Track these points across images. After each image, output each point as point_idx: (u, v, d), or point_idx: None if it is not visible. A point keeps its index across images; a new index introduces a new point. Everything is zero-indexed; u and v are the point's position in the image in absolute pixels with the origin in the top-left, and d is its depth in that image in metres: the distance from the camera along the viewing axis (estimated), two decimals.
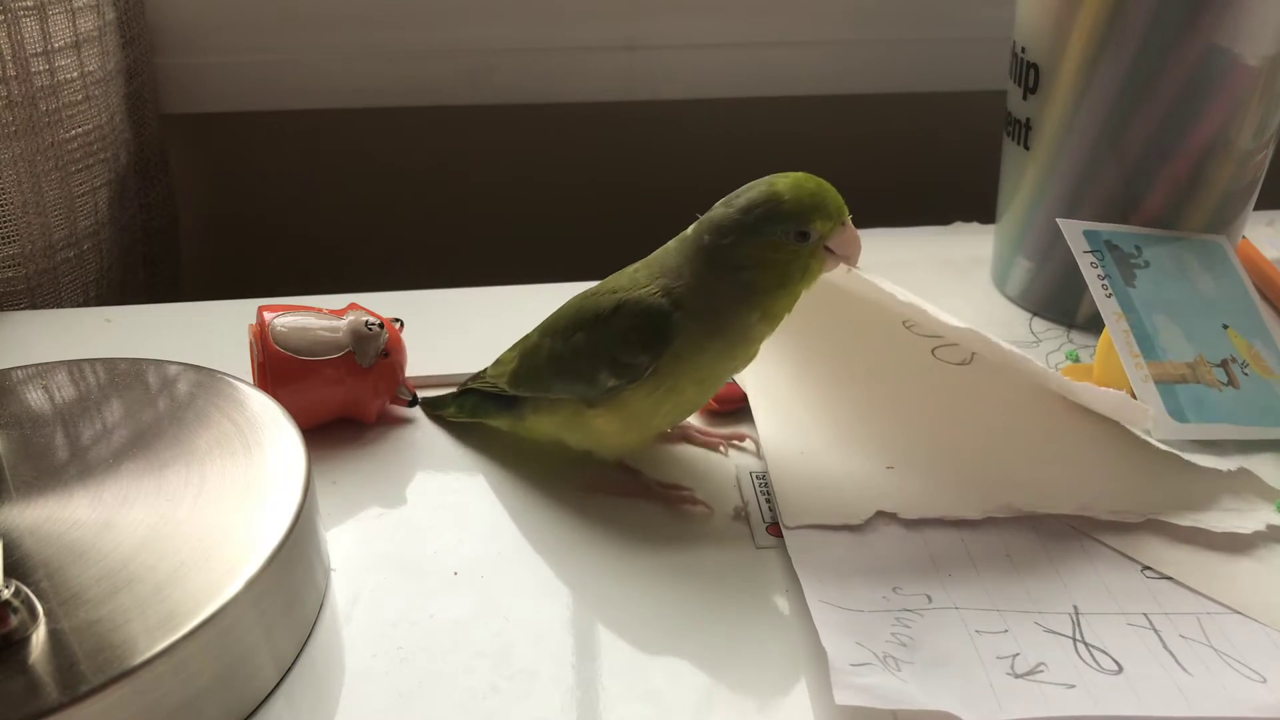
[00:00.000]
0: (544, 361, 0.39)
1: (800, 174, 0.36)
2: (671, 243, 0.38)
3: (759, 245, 0.35)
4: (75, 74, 0.53)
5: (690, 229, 0.37)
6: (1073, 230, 0.45)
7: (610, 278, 0.39)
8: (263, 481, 0.35)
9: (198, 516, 0.33)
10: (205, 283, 0.73)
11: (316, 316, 0.43)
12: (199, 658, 0.30)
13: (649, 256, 0.39)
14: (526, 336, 0.41)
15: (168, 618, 0.30)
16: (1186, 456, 0.40)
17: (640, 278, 0.37)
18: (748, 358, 0.38)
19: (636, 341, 0.36)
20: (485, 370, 0.43)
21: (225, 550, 0.32)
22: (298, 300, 0.49)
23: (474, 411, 0.43)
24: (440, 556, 0.37)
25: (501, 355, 0.42)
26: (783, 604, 0.36)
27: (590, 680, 0.33)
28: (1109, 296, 0.43)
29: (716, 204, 0.37)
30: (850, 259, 0.37)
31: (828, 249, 0.36)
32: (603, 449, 0.40)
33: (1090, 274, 0.44)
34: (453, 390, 0.44)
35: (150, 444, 0.36)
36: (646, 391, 0.37)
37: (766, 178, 0.36)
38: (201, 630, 0.30)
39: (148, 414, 0.38)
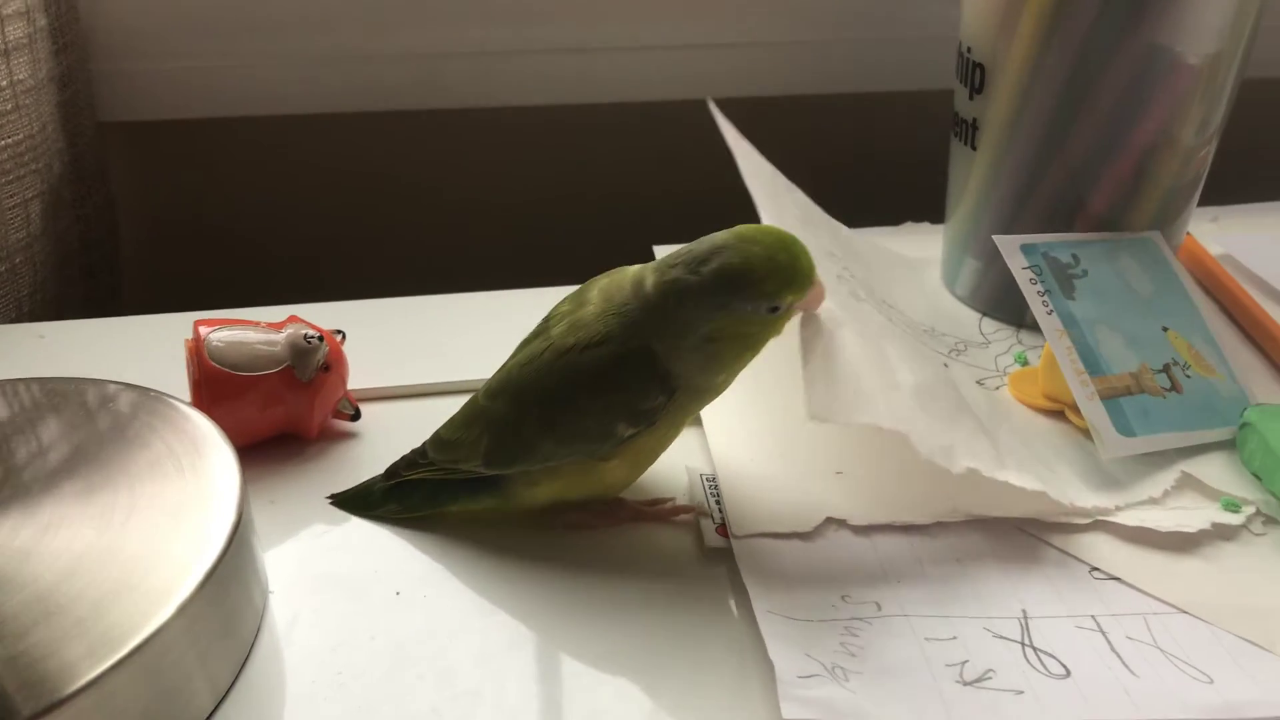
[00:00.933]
0: (536, 432, 0.36)
1: (773, 237, 0.34)
2: (629, 291, 0.35)
3: (728, 320, 0.34)
4: (4, 83, 0.51)
5: (650, 285, 0.34)
6: (1009, 246, 0.45)
7: (566, 322, 0.36)
8: (195, 504, 0.34)
9: (126, 542, 0.32)
10: (149, 294, 0.71)
11: (254, 330, 0.42)
12: (129, 687, 0.29)
13: (604, 287, 0.36)
14: (481, 408, 0.37)
15: (95, 647, 0.29)
16: (1130, 471, 0.40)
17: (615, 327, 0.34)
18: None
19: (656, 386, 0.34)
20: (420, 454, 0.39)
21: (156, 576, 0.31)
22: (238, 313, 0.48)
23: (430, 502, 0.38)
24: (382, 576, 0.37)
25: (447, 436, 0.38)
26: (732, 611, 0.35)
27: (535, 700, 0.32)
28: (1050, 313, 0.43)
29: (678, 261, 0.34)
30: (813, 308, 0.36)
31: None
32: (607, 494, 0.39)
33: (1030, 291, 0.44)
34: (374, 484, 0.40)
35: (78, 468, 0.35)
36: (662, 430, 0.36)
37: (735, 239, 0.34)
38: (131, 659, 0.29)
39: (77, 436, 0.36)
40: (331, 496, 0.40)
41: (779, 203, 0.44)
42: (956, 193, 0.52)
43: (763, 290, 0.33)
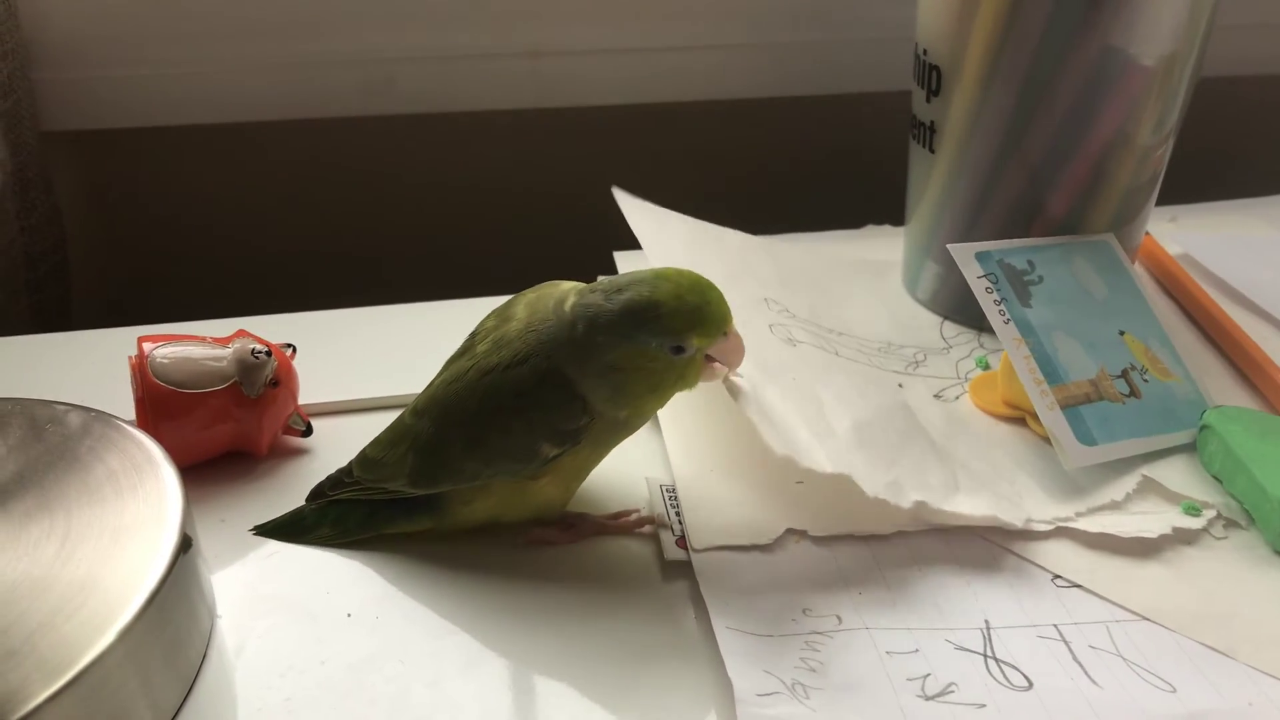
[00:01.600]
0: (460, 452, 0.35)
1: (688, 280, 0.34)
2: (550, 309, 0.35)
3: (631, 351, 0.33)
4: None
5: (568, 306, 0.34)
6: (964, 254, 0.45)
7: (490, 339, 0.36)
8: (136, 527, 0.33)
9: (63, 569, 0.31)
10: (101, 307, 0.70)
11: (200, 346, 0.41)
12: (70, 717, 0.28)
13: (530, 302, 0.36)
14: (406, 426, 0.37)
15: (31, 678, 0.28)
16: (1091, 476, 0.40)
17: (533, 345, 0.34)
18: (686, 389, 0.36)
19: (579, 406, 0.34)
20: (346, 473, 0.38)
21: (95, 602, 0.30)
22: (186, 327, 0.47)
23: (366, 525, 0.38)
24: (333, 597, 0.36)
25: (373, 455, 0.37)
26: (691, 625, 0.35)
27: None
28: (1007, 322, 0.43)
29: (596, 288, 0.35)
30: (732, 366, 0.36)
31: (708, 356, 0.35)
32: (547, 513, 0.38)
33: (986, 300, 0.43)
34: (304, 509, 0.39)
35: (13, 492, 0.34)
36: (590, 446, 0.36)
37: (651, 275, 0.34)
38: (70, 689, 0.28)
39: (15, 459, 0.35)
40: (256, 528, 0.39)
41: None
42: (916, 196, 0.52)
43: (666, 327, 0.33)
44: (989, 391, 0.44)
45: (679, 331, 0.33)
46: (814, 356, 0.44)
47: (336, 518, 0.38)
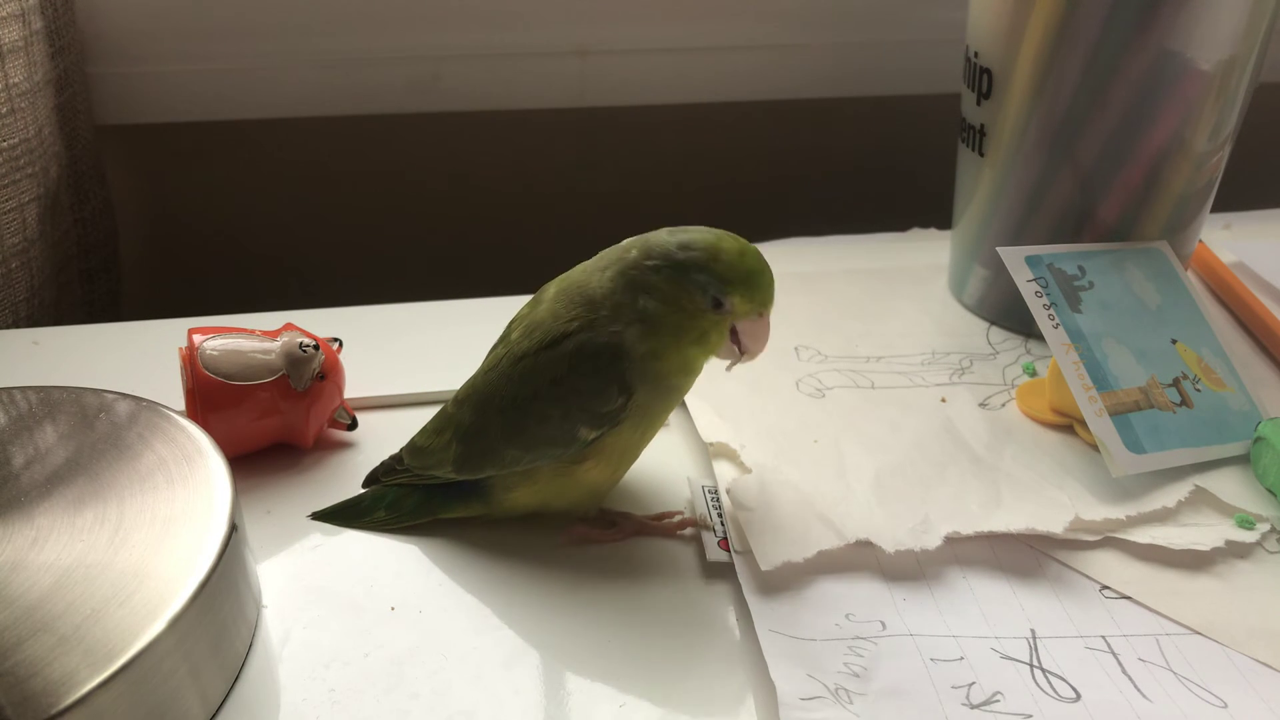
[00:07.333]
0: (500, 438, 0.36)
1: (751, 247, 0.34)
2: (577, 278, 0.36)
3: (675, 284, 0.33)
4: None
5: (612, 260, 0.35)
6: (1014, 258, 0.44)
7: (523, 325, 0.36)
8: (186, 516, 0.33)
9: (116, 555, 0.31)
10: (150, 298, 0.71)
11: (249, 339, 0.41)
12: (118, 704, 0.28)
13: (559, 281, 0.36)
14: (450, 415, 0.38)
15: (84, 663, 0.28)
16: (1142, 484, 0.40)
17: (574, 316, 0.34)
18: (704, 357, 0.36)
19: (614, 387, 0.34)
20: (397, 460, 0.39)
21: (146, 589, 0.31)
22: (235, 319, 0.47)
23: (420, 511, 0.38)
24: (377, 590, 0.36)
25: (420, 443, 0.38)
26: (734, 627, 0.35)
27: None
28: (1056, 327, 0.42)
29: (661, 229, 0.35)
30: (752, 352, 0.35)
31: (734, 330, 0.34)
32: (593, 499, 0.38)
33: (1035, 304, 0.43)
34: (360, 497, 0.40)
35: (68, 479, 0.34)
36: (631, 426, 0.35)
37: (717, 231, 0.34)
38: (121, 675, 0.28)
39: (68, 446, 0.36)
40: (314, 514, 0.39)
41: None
42: (964, 200, 0.51)
43: (717, 274, 0.33)
44: (1036, 398, 0.44)
45: (727, 282, 0.33)
46: (843, 400, 0.44)
47: (392, 502, 0.39)
